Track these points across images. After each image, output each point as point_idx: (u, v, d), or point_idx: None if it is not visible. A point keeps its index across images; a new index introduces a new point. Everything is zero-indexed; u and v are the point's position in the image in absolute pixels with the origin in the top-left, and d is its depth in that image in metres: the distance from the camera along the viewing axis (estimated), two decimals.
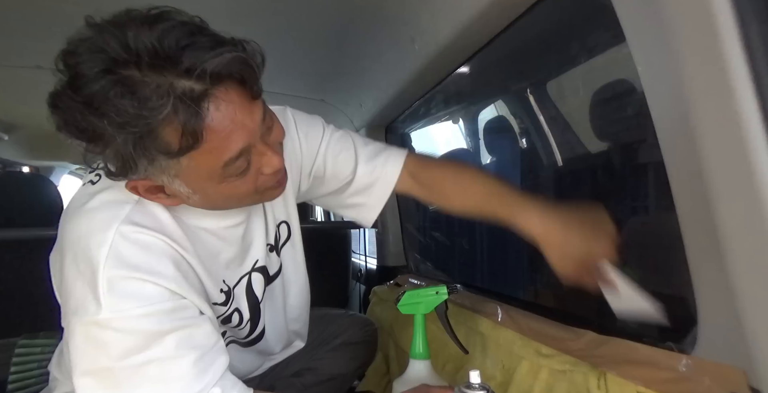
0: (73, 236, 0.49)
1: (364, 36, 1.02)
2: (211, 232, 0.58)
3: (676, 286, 0.51)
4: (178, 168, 0.45)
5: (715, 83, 0.36)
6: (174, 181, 0.47)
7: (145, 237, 0.50)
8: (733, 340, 0.41)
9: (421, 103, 1.28)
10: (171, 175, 0.46)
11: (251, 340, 0.71)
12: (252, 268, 0.66)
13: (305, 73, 1.32)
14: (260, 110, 0.47)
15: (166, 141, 0.42)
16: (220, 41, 0.42)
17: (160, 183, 0.48)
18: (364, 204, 0.73)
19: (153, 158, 0.43)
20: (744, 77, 0.34)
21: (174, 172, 0.46)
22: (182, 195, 0.50)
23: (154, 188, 0.49)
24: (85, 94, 0.39)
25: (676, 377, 0.47)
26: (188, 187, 0.48)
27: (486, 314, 0.86)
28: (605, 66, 0.96)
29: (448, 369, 0.92)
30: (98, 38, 0.40)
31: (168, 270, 0.50)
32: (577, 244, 0.53)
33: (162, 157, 0.43)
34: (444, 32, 0.80)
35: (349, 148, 0.70)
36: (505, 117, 1.53)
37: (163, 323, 0.48)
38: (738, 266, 0.37)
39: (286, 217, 0.72)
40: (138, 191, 0.49)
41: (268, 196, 0.55)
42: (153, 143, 0.42)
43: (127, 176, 0.46)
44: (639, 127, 0.77)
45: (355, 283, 1.84)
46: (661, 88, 0.46)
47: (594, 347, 0.59)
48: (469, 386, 0.49)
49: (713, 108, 0.37)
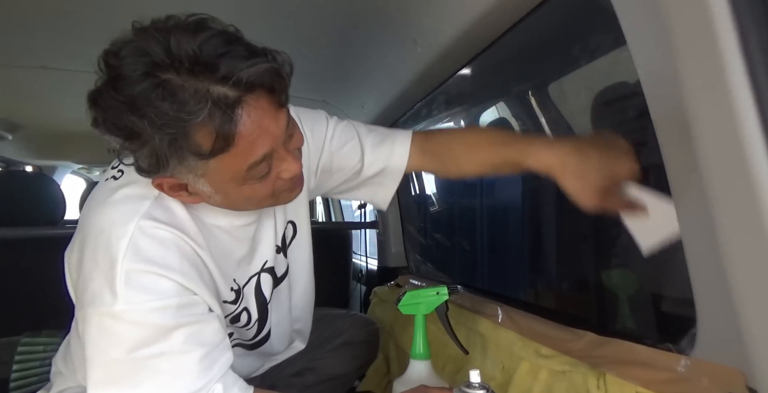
0: (96, 229, 0.51)
1: (366, 37, 1.02)
2: (225, 230, 0.59)
3: (675, 287, 0.52)
4: (205, 168, 0.47)
5: (712, 85, 0.36)
6: (199, 180, 0.49)
7: (162, 232, 0.51)
8: (731, 342, 0.41)
9: (423, 105, 1.29)
10: (197, 175, 0.49)
11: (257, 342, 0.72)
12: (261, 268, 0.67)
13: (307, 74, 1.33)
14: (285, 118, 0.50)
15: (198, 143, 0.44)
16: (254, 51, 0.45)
17: (185, 181, 0.50)
18: (379, 186, 0.74)
19: (184, 158, 0.45)
20: (741, 77, 0.34)
21: (201, 172, 0.48)
22: (204, 194, 0.52)
23: (178, 186, 0.51)
24: (127, 94, 0.42)
25: (675, 378, 0.47)
26: (211, 187, 0.50)
27: (486, 315, 0.86)
28: (607, 69, 0.97)
29: (448, 369, 0.93)
30: (142, 42, 0.42)
31: (182, 266, 0.52)
32: (595, 167, 0.49)
33: (192, 158, 0.45)
34: (446, 34, 0.81)
35: (354, 138, 0.71)
36: (507, 119, 1.53)
37: (173, 318, 0.50)
38: (736, 268, 0.37)
39: (294, 216, 0.73)
40: (163, 188, 0.51)
41: (284, 199, 0.57)
42: (186, 144, 0.44)
43: (158, 173, 0.48)
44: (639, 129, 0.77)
45: (356, 284, 1.85)
46: (659, 90, 0.47)
47: (593, 348, 0.60)
48: (470, 385, 0.50)
49: (711, 109, 0.37)
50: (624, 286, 0.72)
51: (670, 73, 0.42)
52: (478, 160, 0.64)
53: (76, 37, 1.02)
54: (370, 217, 1.73)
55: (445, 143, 0.70)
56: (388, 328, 1.23)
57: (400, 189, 1.56)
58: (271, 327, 0.72)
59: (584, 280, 0.84)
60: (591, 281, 0.82)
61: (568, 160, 0.51)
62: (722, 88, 0.35)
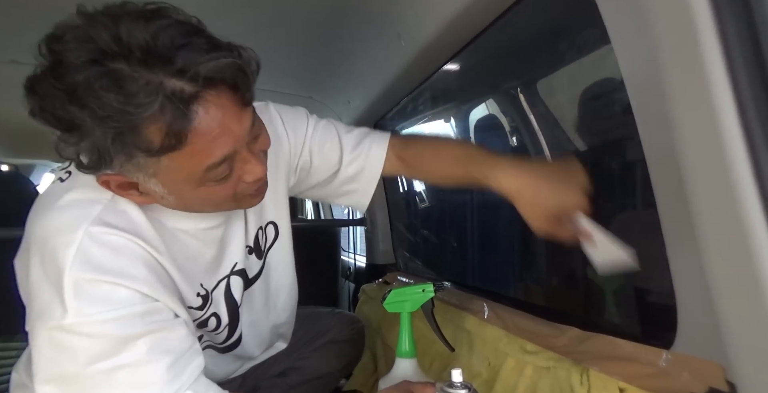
0: (40, 236, 0.47)
1: (351, 32, 1.01)
2: (189, 234, 0.56)
3: (657, 283, 0.52)
4: (156, 167, 0.44)
5: (693, 81, 0.36)
6: (150, 180, 0.46)
7: (115, 238, 0.48)
8: (711, 336, 0.41)
9: (410, 100, 1.28)
10: (148, 174, 0.45)
11: (229, 346, 0.69)
12: (231, 271, 0.64)
13: (292, 70, 1.31)
14: (249, 117, 0.46)
15: (148, 139, 0.40)
16: (216, 45, 0.42)
17: (135, 180, 0.46)
18: (355, 190, 0.73)
19: (131, 155, 0.42)
20: (721, 74, 0.34)
21: (152, 171, 0.44)
22: (156, 194, 0.48)
23: (127, 184, 0.47)
24: (68, 82, 0.38)
25: (657, 372, 0.47)
26: (164, 187, 0.47)
27: (473, 312, 0.86)
28: (594, 64, 0.97)
29: (434, 367, 0.92)
30: (88, 27, 0.39)
31: (140, 272, 0.48)
32: (548, 197, 0.53)
33: (141, 155, 0.42)
34: (430, 28, 0.80)
35: (333, 138, 0.69)
36: (495, 115, 1.53)
37: (134, 327, 0.46)
38: (715, 264, 0.37)
39: (274, 217, 0.70)
40: (109, 186, 0.47)
41: (246, 203, 0.54)
42: (134, 140, 0.40)
43: (100, 170, 0.44)
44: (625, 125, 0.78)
45: (345, 281, 1.84)
46: (641, 86, 0.46)
47: (577, 343, 0.60)
48: (451, 385, 0.49)
49: (691, 106, 0.37)
50: (607, 282, 0.72)
51: (652, 70, 0.42)
52: (446, 174, 0.67)
53: (47, 31, 0.98)
54: (358, 214, 1.72)
55: (419, 153, 0.71)
56: (376, 326, 1.23)
57: (388, 186, 1.56)
58: (243, 330, 0.69)
59: (569, 276, 0.85)
60: (575, 277, 0.82)
61: (525, 189, 0.55)
62: (703, 84, 0.35)
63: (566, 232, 0.54)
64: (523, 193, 0.55)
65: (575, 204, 0.52)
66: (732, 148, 0.34)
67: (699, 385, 0.42)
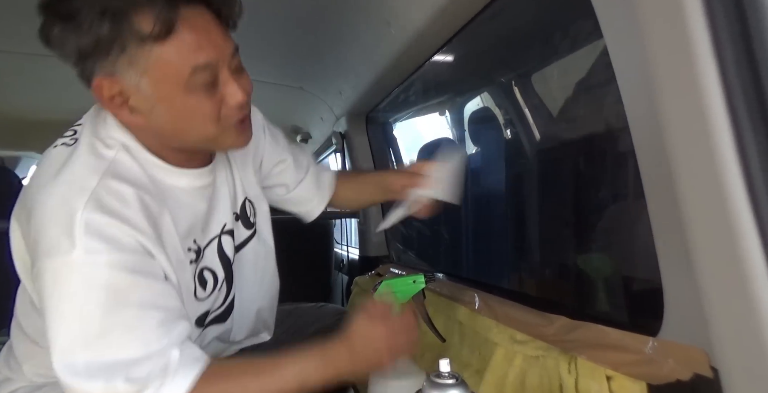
0: (54, 186, 0.49)
1: (339, 20, 0.99)
2: (185, 191, 0.59)
3: (643, 271, 0.52)
4: (147, 63, 0.47)
5: (683, 77, 0.36)
6: (141, 80, 0.48)
7: (125, 189, 0.50)
8: (696, 323, 0.41)
9: (401, 91, 1.26)
10: (139, 71, 0.47)
11: (224, 312, 0.69)
12: (221, 230, 0.66)
13: (282, 60, 1.29)
14: (232, 43, 0.52)
15: (140, 25, 0.45)
16: None
17: (126, 85, 0.48)
18: (310, 199, 0.83)
19: (124, 45, 0.45)
20: (711, 72, 0.34)
21: (143, 67, 0.47)
22: (145, 111, 0.50)
23: (119, 95, 0.49)
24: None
25: (643, 359, 0.48)
26: (154, 90, 0.49)
27: (464, 302, 0.86)
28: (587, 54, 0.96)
29: (426, 357, 0.93)
30: None
31: (144, 225, 0.50)
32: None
33: (133, 44, 0.45)
34: (419, 15, 0.79)
35: (303, 155, 0.82)
36: (489, 107, 1.52)
37: (132, 276, 0.48)
38: (702, 252, 0.37)
39: (250, 193, 0.73)
40: (102, 94, 0.49)
41: (230, 138, 0.55)
42: (127, 26, 0.44)
43: (98, 61, 0.47)
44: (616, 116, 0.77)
45: (338, 274, 1.84)
46: (632, 80, 0.46)
47: (565, 332, 0.60)
48: (439, 375, 0.49)
49: (681, 102, 0.37)
50: (595, 271, 0.72)
51: (644, 65, 0.42)
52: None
53: (26, 18, 0.95)
54: None
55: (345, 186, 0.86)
56: None
57: None
58: (236, 295, 0.70)
59: (558, 266, 0.85)
60: (565, 267, 0.82)
61: None
62: (692, 80, 0.34)
63: None
64: None
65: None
66: (718, 140, 0.34)
67: (684, 371, 0.43)
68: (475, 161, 1.53)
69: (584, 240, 0.76)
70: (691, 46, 0.34)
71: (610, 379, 0.51)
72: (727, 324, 0.35)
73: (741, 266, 0.32)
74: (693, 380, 0.42)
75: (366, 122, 1.51)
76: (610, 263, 0.69)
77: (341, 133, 1.55)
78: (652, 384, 0.46)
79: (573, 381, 0.55)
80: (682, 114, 0.37)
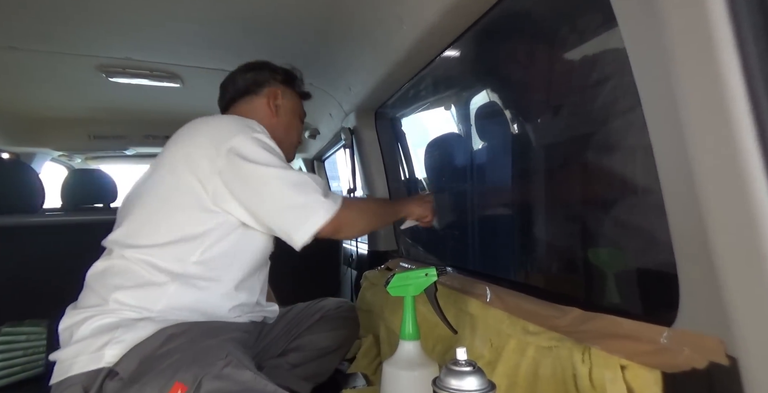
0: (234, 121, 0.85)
1: (351, 16, 0.99)
2: None
3: (658, 260, 0.52)
4: (285, 93, 1.03)
5: (706, 78, 0.36)
6: (283, 100, 1.02)
7: None
8: (712, 312, 0.41)
9: (411, 87, 1.26)
10: (284, 94, 1.02)
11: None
12: None
13: (292, 56, 1.29)
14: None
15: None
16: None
17: (278, 99, 1.01)
18: None
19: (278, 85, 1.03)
20: (736, 73, 0.34)
21: (287, 96, 1.03)
22: (279, 114, 1.01)
23: (274, 100, 1.01)
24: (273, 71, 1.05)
25: (658, 349, 0.48)
26: (284, 106, 1.02)
27: (475, 295, 0.87)
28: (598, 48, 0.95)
29: (437, 349, 0.94)
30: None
31: None
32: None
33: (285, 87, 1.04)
34: (431, 11, 0.79)
35: None
36: (496, 102, 1.51)
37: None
38: (719, 241, 0.38)
39: None
40: (273, 92, 1.01)
41: (293, 155, 1.08)
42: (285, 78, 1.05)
43: (272, 85, 1.02)
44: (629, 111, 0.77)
45: (347, 268, 1.85)
46: (650, 73, 0.46)
47: (579, 324, 0.60)
48: (456, 363, 0.50)
49: (703, 100, 0.37)
50: (608, 261, 0.73)
51: (664, 63, 0.42)
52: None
53: (46, 17, 0.97)
54: None
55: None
56: (379, 311, 1.24)
57: (390, 173, 1.55)
58: None
59: (570, 258, 0.85)
60: (576, 258, 0.82)
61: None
62: (715, 81, 0.34)
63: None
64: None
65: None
66: (736, 124, 0.34)
67: (700, 359, 0.43)
68: (484, 155, 1.53)
69: (596, 230, 0.76)
70: (712, 39, 0.34)
71: (624, 369, 0.51)
72: (746, 312, 0.35)
73: (761, 252, 0.32)
74: (709, 369, 0.42)
75: (375, 118, 1.51)
76: (624, 253, 0.69)
77: (350, 128, 1.56)
78: (667, 373, 0.46)
79: (587, 370, 0.55)
80: (701, 102, 0.37)
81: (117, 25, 1.04)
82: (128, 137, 2.07)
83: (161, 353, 0.66)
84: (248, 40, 1.18)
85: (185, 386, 0.59)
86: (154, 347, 0.67)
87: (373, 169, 1.54)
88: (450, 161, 1.43)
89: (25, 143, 1.95)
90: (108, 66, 1.28)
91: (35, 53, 1.12)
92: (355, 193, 1.68)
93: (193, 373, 0.61)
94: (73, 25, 1.00)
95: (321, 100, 1.58)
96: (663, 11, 0.39)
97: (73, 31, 1.03)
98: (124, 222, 0.80)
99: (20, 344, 1.04)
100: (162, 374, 0.61)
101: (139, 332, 0.70)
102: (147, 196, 0.81)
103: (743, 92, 0.34)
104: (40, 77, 1.29)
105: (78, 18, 0.98)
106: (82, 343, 0.69)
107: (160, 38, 1.15)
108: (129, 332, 0.69)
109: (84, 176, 1.75)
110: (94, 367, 0.66)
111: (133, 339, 0.69)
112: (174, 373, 0.61)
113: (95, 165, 2.62)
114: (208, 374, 0.61)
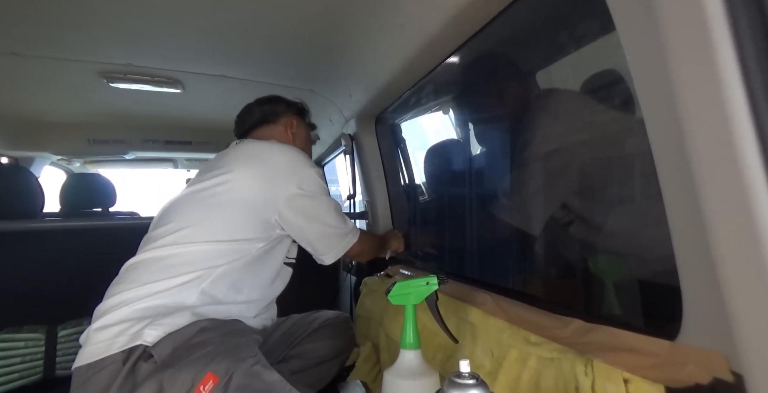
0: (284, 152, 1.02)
1: (353, 23, 1.00)
2: None
3: (661, 273, 0.52)
4: (298, 122, 1.20)
5: (704, 77, 0.36)
6: (297, 129, 1.19)
7: None
8: (716, 327, 0.41)
9: (412, 94, 1.27)
10: (299, 126, 1.19)
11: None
12: None
13: (293, 62, 1.30)
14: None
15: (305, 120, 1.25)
16: None
17: (294, 127, 1.17)
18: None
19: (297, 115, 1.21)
20: (733, 70, 0.34)
21: (301, 125, 1.20)
22: (296, 138, 1.18)
23: (291, 128, 1.16)
24: (290, 105, 1.25)
25: (661, 363, 0.48)
26: (299, 133, 1.19)
27: (476, 304, 0.86)
28: (596, 56, 0.96)
29: (438, 358, 0.93)
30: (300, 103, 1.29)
31: None
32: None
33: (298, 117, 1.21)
34: (433, 19, 0.79)
35: None
36: (496, 110, 1.52)
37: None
38: (723, 254, 0.37)
39: None
40: (289, 121, 1.18)
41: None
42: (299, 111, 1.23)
43: (290, 116, 1.19)
44: (628, 117, 0.77)
45: (346, 275, 1.85)
46: (650, 81, 0.46)
47: (581, 335, 0.60)
48: (459, 375, 0.50)
49: (701, 99, 0.37)
50: (611, 273, 0.73)
51: (661, 64, 0.42)
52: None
53: (48, 24, 0.97)
54: (359, 207, 1.72)
55: None
56: (378, 319, 1.24)
57: (390, 180, 1.56)
58: None
59: (572, 268, 0.85)
60: (578, 269, 0.82)
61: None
62: (713, 78, 0.35)
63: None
64: None
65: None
66: (740, 135, 0.34)
67: (703, 375, 0.43)
68: (483, 162, 1.53)
69: (599, 241, 0.76)
70: (711, 40, 0.34)
71: (627, 382, 0.51)
72: (751, 327, 0.35)
73: (766, 266, 0.32)
74: (713, 384, 0.42)
75: (375, 124, 1.51)
76: (626, 265, 0.69)
77: (350, 134, 1.56)
78: (671, 387, 0.46)
79: (589, 383, 0.55)
80: (702, 108, 0.37)
81: (119, 31, 1.04)
82: (128, 141, 2.07)
83: (194, 343, 0.71)
84: (250, 47, 1.19)
85: (217, 377, 0.63)
86: (188, 337, 0.72)
87: (373, 176, 1.54)
88: (450, 168, 1.43)
89: (23, 147, 1.94)
90: (109, 72, 1.28)
91: (37, 59, 1.12)
92: (355, 199, 1.68)
93: (226, 366, 0.66)
94: (75, 31, 1.00)
95: (321, 106, 1.58)
96: (660, 12, 0.39)
97: (75, 37, 1.03)
98: (174, 219, 0.89)
99: (18, 351, 1.03)
100: (196, 363, 0.66)
101: (177, 320, 0.75)
102: (205, 200, 0.90)
103: (743, 92, 0.34)
104: (41, 83, 1.29)
105: (80, 24, 0.98)
106: (123, 324, 0.74)
107: (161, 45, 1.16)
108: (167, 318, 0.75)
109: (83, 180, 1.74)
110: (132, 344, 0.71)
111: (171, 325, 0.74)
112: (207, 363, 0.66)
113: (94, 169, 2.61)
114: (239, 369, 0.66)
